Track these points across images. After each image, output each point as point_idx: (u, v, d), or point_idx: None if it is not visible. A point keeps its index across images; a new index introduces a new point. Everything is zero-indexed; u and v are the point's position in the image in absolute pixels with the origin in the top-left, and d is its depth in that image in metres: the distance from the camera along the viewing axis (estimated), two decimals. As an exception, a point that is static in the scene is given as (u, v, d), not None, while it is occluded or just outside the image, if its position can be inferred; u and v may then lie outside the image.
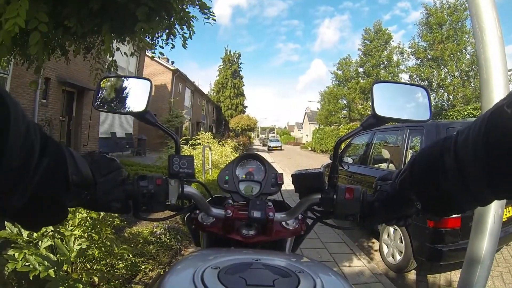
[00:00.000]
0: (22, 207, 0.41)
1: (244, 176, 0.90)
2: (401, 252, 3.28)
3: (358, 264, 3.40)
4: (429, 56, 20.41)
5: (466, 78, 19.09)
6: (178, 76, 22.43)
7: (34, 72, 1.79)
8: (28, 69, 1.88)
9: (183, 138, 11.31)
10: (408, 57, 23.57)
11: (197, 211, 0.82)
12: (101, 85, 0.83)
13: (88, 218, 2.22)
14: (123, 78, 0.85)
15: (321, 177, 0.73)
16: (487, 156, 0.41)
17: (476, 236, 1.53)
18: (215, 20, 2.14)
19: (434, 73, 20.10)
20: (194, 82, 27.99)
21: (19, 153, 0.37)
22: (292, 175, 0.77)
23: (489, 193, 0.45)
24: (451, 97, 19.13)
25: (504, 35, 1.55)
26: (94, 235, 2.21)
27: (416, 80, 21.02)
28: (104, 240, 2.30)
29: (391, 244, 3.51)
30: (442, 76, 19.65)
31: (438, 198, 0.53)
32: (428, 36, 20.12)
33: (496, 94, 1.48)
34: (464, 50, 19.21)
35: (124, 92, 0.83)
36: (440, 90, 19.66)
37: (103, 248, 2.26)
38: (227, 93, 40.51)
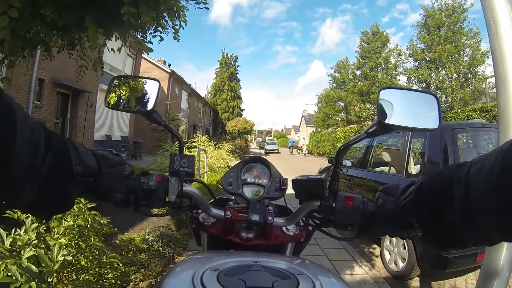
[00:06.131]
0: (32, 199, 0.45)
1: (249, 180, 0.90)
2: (404, 259, 3.18)
3: (359, 271, 3.28)
4: (427, 58, 20.44)
5: (464, 80, 19.11)
6: (175, 78, 22.37)
7: (7, 68, 1.69)
8: (3, 64, 1.78)
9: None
10: (406, 59, 23.65)
11: (199, 211, 0.84)
12: (112, 85, 0.86)
13: (75, 226, 2.10)
14: (132, 78, 0.92)
15: (323, 183, 0.70)
16: (500, 193, 0.37)
17: (493, 246, 1.42)
18: (208, 8, 2.05)
19: (432, 75, 20.14)
20: (191, 84, 27.88)
21: (26, 151, 0.40)
22: (292, 180, 0.76)
23: (498, 234, 0.40)
24: (450, 99, 19.13)
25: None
26: (81, 243, 2.09)
27: (414, 81, 21.09)
28: (92, 249, 2.17)
29: (394, 250, 3.40)
30: (440, 78, 19.70)
31: (441, 229, 0.49)
32: (426, 38, 20.16)
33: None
34: (462, 52, 19.23)
35: (134, 91, 0.87)
36: (438, 92, 19.66)
37: (90, 257, 2.14)
38: (224, 96, 40.57)
